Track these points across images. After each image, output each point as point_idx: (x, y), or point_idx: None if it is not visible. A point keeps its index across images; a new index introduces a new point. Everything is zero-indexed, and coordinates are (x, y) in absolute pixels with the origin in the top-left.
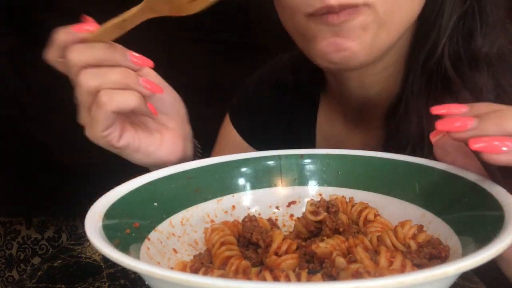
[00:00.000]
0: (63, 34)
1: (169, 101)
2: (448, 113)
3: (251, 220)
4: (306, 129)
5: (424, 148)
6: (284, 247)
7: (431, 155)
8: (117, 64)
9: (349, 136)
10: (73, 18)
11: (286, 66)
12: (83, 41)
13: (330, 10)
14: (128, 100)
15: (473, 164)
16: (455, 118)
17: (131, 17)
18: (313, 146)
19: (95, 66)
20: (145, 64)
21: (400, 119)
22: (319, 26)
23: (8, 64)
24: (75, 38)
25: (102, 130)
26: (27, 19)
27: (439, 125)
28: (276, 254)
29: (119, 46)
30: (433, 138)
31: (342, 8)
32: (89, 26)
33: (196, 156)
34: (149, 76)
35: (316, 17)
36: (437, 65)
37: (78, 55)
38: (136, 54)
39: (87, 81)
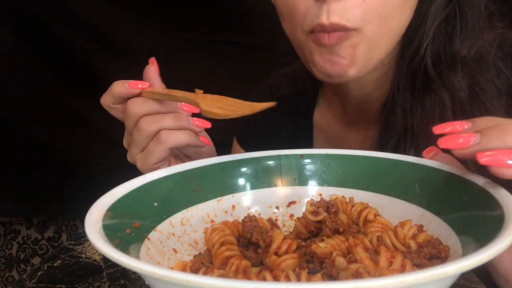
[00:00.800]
0: (119, 87)
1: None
2: (451, 131)
3: (251, 220)
4: (304, 129)
5: (407, 140)
6: (284, 247)
7: (412, 147)
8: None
9: (346, 134)
10: (75, 19)
11: (282, 79)
12: (137, 95)
13: (323, 29)
14: (183, 138)
15: None
16: (457, 135)
17: (178, 97)
18: (310, 145)
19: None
20: (202, 124)
21: (388, 113)
22: (316, 45)
23: (8, 64)
24: (130, 92)
25: (155, 163)
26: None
27: (442, 143)
28: (276, 254)
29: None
30: (426, 155)
31: (333, 28)
32: (143, 85)
33: None
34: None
35: (313, 35)
36: (419, 64)
37: (138, 107)
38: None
39: (148, 126)
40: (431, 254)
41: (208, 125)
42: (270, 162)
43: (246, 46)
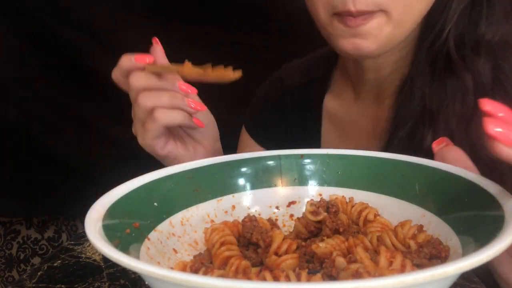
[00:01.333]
0: (126, 61)
1: (205, 121)
2: (503, 120)
3: (251, 220)
4: (313, 116)
5: (425, 124)
6: (284, 247)
7: (430, 131)
8: (168, 89)
9: (357, 119)
10: (75, 19)
11: (293, 69)
12: (142, 68)
13: (349, 14)
14: (176, 117)
15: None
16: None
17: (181, 71)
18: (318, 133)
19: (150, 89)
20: (190, 91)
21: (405, 95)
22: (341, 26)
23: (8, 64)
24: (136, 66)
25: (151, 139)
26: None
27: (490, 127)
28: (276, 254)
29: (170, 76)
30: (436, 146)
31: (359, 13)
32: (147, 58)
33: None
34: (193, 97)
35: (338, 17)
36: (442, 47)
37: (138, 80)
38: (183, 82)
39: (144, 101)
40: (431, 254)
41: (203, 107)
42: (270, 162)
43: (251, 46)
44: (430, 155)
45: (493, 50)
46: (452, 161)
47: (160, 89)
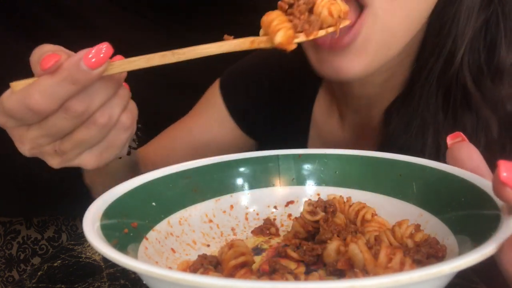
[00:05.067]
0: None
1: None
2: None
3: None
4: (300, 121)
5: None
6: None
7: None
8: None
9: (342, 134)
10: (74, 19)
11: (283, 65)
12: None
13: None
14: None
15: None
16: None
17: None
18: (305, 140)
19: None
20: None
21: (415, 134)
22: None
23: (8, 64)
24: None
25: (117, 153)
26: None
27: (504, 175)
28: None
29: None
30: (451, 140)
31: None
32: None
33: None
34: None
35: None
36: (455, 77)
37: (98, 95)
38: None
39: (110, 112)
40: (428, 254)
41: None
42: (268, 162)
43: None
44: None
45: None
46: (464, 158)
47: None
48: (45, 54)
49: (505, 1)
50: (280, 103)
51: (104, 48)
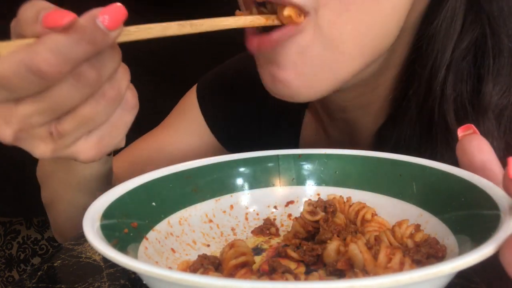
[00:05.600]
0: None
1: None
2: None
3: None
4: (288, 137)
5: None
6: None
7: None
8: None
9: None
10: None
11: None
12: None
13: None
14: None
15: (491, 176)
16: None
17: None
18: None
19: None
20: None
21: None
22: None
23: None
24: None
25: (120, 141)
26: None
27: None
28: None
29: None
30: (462, 132)
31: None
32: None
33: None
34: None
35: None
36: (437, 108)
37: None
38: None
39: (118, 86)
40: (428, 254)
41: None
42: (268, 162)
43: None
44: None
45: (503, 118)
46: (474, 151)
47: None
48: (45, 10)
49: (495, 21)
50: (266, 122)
51: (119, 8)
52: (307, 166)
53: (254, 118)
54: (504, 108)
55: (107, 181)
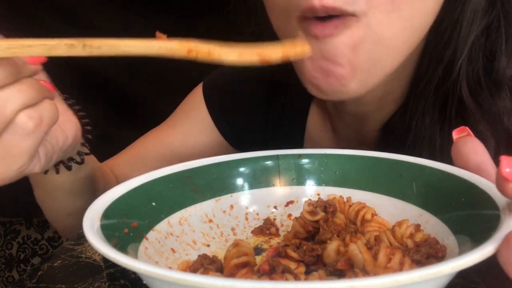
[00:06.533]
0: None
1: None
2: None
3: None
4: (293, 134)
5: None
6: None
7: None
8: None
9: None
10: (74, 19)
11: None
12: None
13: (314, 14)
14: (54, 112)
15: (485, 177)
16: None
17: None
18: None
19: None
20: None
21: (408, 149)
22: (308, 37)
23: None
24: None
25: (23, 165)
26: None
27: (506, 170)
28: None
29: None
30: (457, 134)
31: (326, 11)
32: None
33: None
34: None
35: (303, 23)
36: (452, 89)
37: None
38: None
39: (5, 103)
40: (428, 254)
41: (52, 89)
42: (268, 162)
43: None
44: None
45: None
46: (469, 152)
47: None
48: None
49: (507, 5)
50: (272, 117)
51: None
52: (307, 166)
53: (260, 115)
54: None
55: (87, 187)
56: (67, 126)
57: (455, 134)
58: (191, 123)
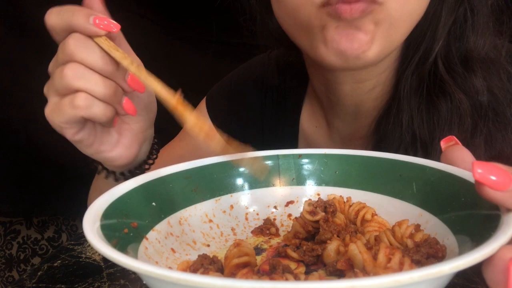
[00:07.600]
0: (81, 16)
1: (145, 102)
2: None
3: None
4: (288, 132)
5: (418, 150)
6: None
7: (425, 157)
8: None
9: (332, 144)
10: None
11: (272, 64)
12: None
13: (342, 1)
14: (101, 115)
15: None
16: (499, 171)
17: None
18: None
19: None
20: (109, 29)
21: (392, 122)
22: (333, 19)
23: (7, 64)
24: (88, 29)
25: (63, 123)
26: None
27: (478, 173)
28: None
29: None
30: (445, 143)
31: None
32: (115, 28)
33: (150, 159)
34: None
35: (330, 7)
36: (430, 67)
37: (80, 50)
38: (134, 78)
39: (72, 77)
40: (428, 254)
41: (134, 113)
42: (268, 162)
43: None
44: None
45: (484, 66)
46: (457, 161)
47: (99, 71)
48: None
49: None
50: (267, 116)
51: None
52: (307, 166)
53: (257, 119)
54: (491, 62)
55: None
56: (121, 146)
57: (443, 143)
58: None
